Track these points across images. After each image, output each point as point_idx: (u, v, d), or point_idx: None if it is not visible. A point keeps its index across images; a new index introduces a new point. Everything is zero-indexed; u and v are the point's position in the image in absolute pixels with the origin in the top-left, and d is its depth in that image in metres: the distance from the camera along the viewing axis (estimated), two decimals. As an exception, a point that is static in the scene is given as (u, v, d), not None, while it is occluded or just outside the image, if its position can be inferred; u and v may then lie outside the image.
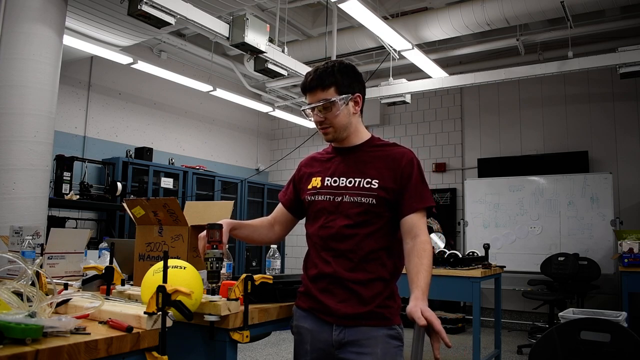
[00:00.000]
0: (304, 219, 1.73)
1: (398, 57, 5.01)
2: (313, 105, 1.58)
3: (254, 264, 6.83)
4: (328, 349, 1.53)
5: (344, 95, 1.57)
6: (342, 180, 1.59)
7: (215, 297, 1.51)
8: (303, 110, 1.64)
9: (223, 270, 1.60)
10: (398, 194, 1.54)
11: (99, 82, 5.86)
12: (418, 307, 1.33)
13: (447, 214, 6.76)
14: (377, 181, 1.54)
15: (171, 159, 6.48)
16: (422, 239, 1.49)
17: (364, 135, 1.67)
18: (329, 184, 1.61)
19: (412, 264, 1.46)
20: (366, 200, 1.53)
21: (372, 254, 1.53)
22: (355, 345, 1.49)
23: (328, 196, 1.59)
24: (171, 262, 1.40)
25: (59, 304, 1.29)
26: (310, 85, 1.58)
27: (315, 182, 1.65)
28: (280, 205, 1.79)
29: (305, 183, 1.68)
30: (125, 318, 1.21)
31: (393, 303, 1.55)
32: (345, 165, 1.62)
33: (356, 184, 1.56)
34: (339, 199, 1.57)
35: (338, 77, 1.56)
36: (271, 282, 1.63)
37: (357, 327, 1.50)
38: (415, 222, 1.51)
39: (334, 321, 1.52)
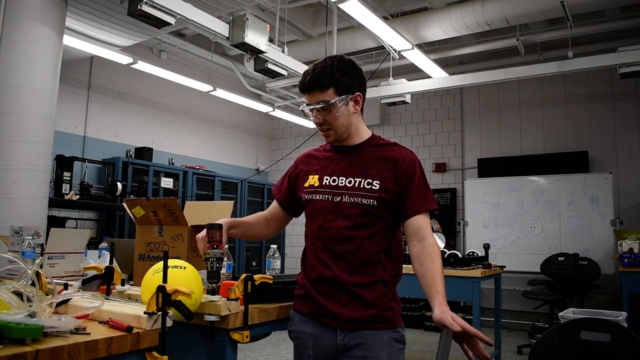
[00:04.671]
0: (303, 217, 1.70)
1: (398, 57, 5.01)
2: (312, 107, 1.52)
3: (254, 264, 6.83)
4: (332, 353, 1.51)
5: (343, 96, 1.51)
6: (342, 179, 1.55)
7: (215, 297, 1.50)
8: (302, 110, 1.59)
9: (223, 270, 1.60)
10: (399, 195, 1.51)
11: (99, 82, 5.86)
12: (447, 313, 1.30)
13: (447, 214, 6.75)
14: (378, 182, 1.51)
15: (171, 159, 6.48)
16: (430, 242, 1.46)
17: (365, 134, 1.62)
18: (327, 183, 1.57)
19: (426, 268, 1.42)
20: (367, 201, 1.50)
21: (373, 257, 1.50)
22: (360, 349, 1.47)
23: (327, 195, 1.55)
24: (171, 262, 1.40)
25: (59, 304, 1.28)
26: (308, 86, 1.52)
27: (313, 180, 1.60)
28: (275, 202, 1.76)
29: (302, 181, 1.64)
30: (125, 318, 1.21)
31: (395, 304, 1.53)
32: (345, 164, 1.58)
33: (356, 184, 1.52)
34: (338, 198, 1.53)
35: (337, 77, 1.50)
36: (271, 282, 1.63)
37: (362, 331, 1.48)
38: (422, 224, 1.48)
39: (338, 325, 1.49)
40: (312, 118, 1.57)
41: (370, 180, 1.52)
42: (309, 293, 1.55)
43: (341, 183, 1.55)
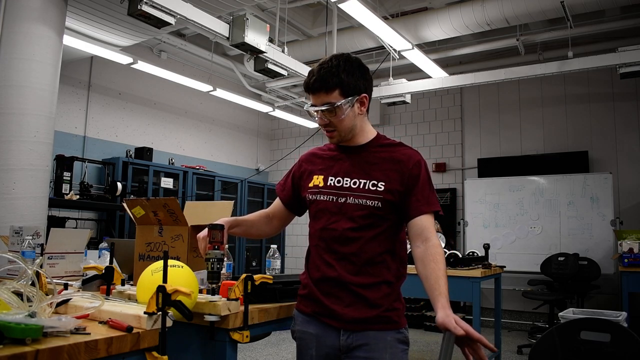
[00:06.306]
0: (307, 216, 1.68)
1: (398, 57, 5.01)
2: (317, 108, 1.50)
3: (254, 264, 6.83)
4: (335, 354, 1.49)
5: (349, 98, 1.48)
6: (346, 180, 1.53)
7: (215, 297, 1.50)
8: (307, 110, 1.56)
9: (223, 270, 1.60)
10: (404, 195, 1.49)
11: (99, 82, 5.86)
12: (451, 317, 1.28)
13: (447, 214, 6.74)
14: (383, 183, 1.49)
15: (171, 159, 6.48)
16: (434, 243, 1.44)
17: (370, 134, 1.60)
18: (332, 184, 1.54)
19: (429, 270, 1.40)
20: (371, 203, 1.48)
21: (376, 257, 1.49)
22: (363, 350, 1.46)
23: (331, 196, 1.53)
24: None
25: (59, 304, 1.28)
26: (313, 87, 1.49)
27: (317, 180, 1.58)
28: (278, 200, 1.73)
29: (307, 180, 1.62)
30: (125, 318, 1.21)
31: (399, 305, 1.52)
32: (349, 164, 1.56)
33: (361, 186, 1.50)
34: (343, 200, 1.51)
35: (343, 78, 1.46)
36: (271, 282, 1.63)
37: (365, 332, 1.46)
38: (426, 224, 1.47)
39: (341, 326, 1.48)
40: (316, 119, 1.55)
41: (375, 182, 1.50)
42: (312, 293, 1.54)
43: (346, 184, 1.53)
